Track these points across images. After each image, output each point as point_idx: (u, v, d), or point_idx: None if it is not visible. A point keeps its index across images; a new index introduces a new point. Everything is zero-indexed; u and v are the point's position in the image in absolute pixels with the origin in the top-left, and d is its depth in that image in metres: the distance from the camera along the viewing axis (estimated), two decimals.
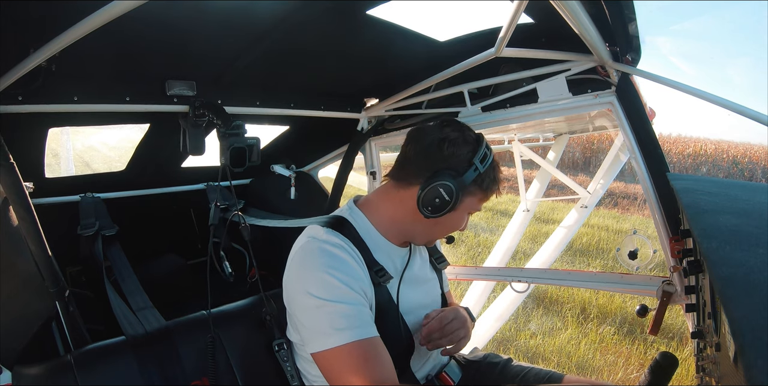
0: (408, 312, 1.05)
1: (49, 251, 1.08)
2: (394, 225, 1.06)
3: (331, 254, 0.94)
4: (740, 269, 0.54)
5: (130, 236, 1.65)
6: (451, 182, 0.95)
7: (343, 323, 0.87)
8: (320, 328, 0.88)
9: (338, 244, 0.96)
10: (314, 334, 0.89)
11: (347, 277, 0.91)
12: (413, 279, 1.10)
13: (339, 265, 0.92)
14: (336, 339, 0.86)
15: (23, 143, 1.34)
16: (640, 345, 3.29)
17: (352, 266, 0.94)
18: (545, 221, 7.01)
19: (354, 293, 0.91)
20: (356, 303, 0.90)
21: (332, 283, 0.89)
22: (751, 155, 13.01)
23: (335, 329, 0.87)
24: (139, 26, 0.99)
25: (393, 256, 1.07)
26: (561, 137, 3.71)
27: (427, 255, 1.21)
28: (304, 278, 0.93)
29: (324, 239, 0.98)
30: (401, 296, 1.03)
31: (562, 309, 3.89)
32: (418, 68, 1.61)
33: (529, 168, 6.14)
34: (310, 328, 0.91)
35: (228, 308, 1.34)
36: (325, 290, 0.89)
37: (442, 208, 0.97)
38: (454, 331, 1.04)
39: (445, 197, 0.96)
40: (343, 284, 0.90)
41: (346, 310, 0.88)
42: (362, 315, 0.90)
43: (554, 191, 7.61)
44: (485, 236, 6.12)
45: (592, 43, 1.22)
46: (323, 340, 0.87)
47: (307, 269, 0.94)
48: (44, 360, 1.05)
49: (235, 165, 1.37)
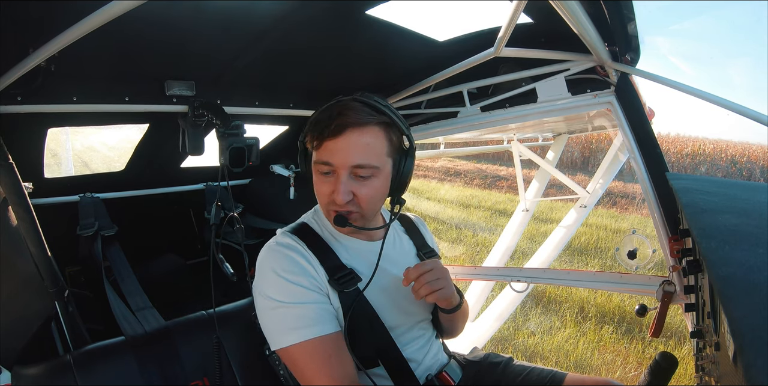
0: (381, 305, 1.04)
1: (49, 252, 1.08)
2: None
3: (282, 254, 0.96)
4: (740, 268, 0.54)
5: (129, 237, 1.64)
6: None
7: (298, 323, 0.89)
8: (277, 328, 0.91)
9: (288, 244, 0.98)
10: (272, 333, 0.92)
11: (298, 276, 0.93)
12: (389, 271, 1.07)
13: (289, 265, 0.94)
14: (292, 337, 0.89)
15: (22, 143, 1.34)
16: (639, 344, 3.30)
17: (301, 264, 0.95)
18: (544, 221, 7.02)
19: (307, 291, 0.93)
20: (310, 302, 0.92)
21: (283, 285, 0.92)
22: (750, 155, 13.04)
23: (290, 328, 0.89)
24: (138, 26, 0.99)
25: (365, 253, 1.06)
26: (560, 136, 3.72)
27: (413, 248, 1.19)
28: (259, 281, 0.96)
29: (277, 241, 1.00)
30: (374, 290, 1.01)
31: (561, 308, 3.90)
32: (417, 68, 1.61)
33: (528, 168, 6.16)
34: (268, 328, 0.94)
35: (227, 308, 1.34)
36: (278, 292, 0.92)
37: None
38: (434, 280, 0.97)
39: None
40: (294, 284, 0.92)
41: (300, 310, 0.90)
42: (317, 313, 0.92)
43: (553, 190, 7.62)
44: (484, 236, 6.13)
45: (591, 43, 1.22)
46: (280, 338, 0.90)
47: (261, 271, 0.96)
48: (43, 361, 1.04)
49: (234, 165, 1.37)
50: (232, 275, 1.48)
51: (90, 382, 1.03)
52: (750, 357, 0.38)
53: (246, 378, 1.20)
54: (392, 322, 1.06)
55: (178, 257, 1.99)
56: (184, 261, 2.01)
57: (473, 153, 10.07)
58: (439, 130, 1.81)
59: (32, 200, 1.08)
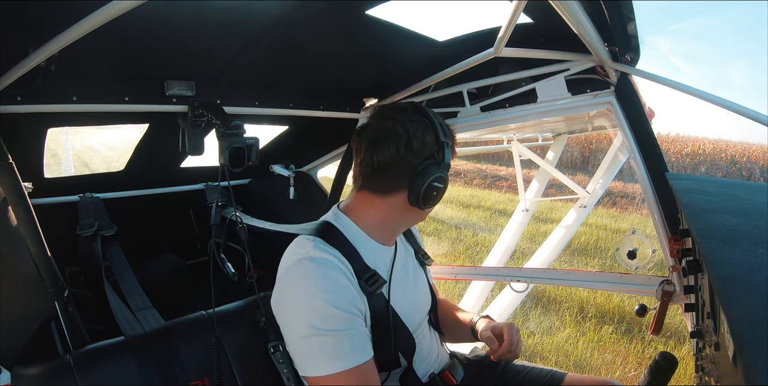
0: (403, 308, 1.05)
1: (48, 252, 1.07)
2: (386, 227, 1.05)
3: (322, 274, 0.90)
4: (739, 268, 0.54)
5: (129, 236, 1.64)
6: (439, 171, 0.96)
7: (335, 352, 0.86)
8: (312, 356, 0.87)
9: (327, 261, 0.92)
10: (306, 361, 0.89)
11: (339, 299, 0.89)
12: (402, 274, 1.11)
13: (330, 287, 0.89)
14: (328, 367, 0.86)
15: (22, 143, 1.34)
16: (638, 344, 3.30)
17: (342, 284, 0.91)
18: (544, 221, 7.02)
19: (347, 316, 0.89)
20: (348, 328, 0.88)
21: (324, 310, 0.87)
22: (750, 155, 13.04)
23: (328, 358, 0.86)
24: (138, 26, 0.99)
25: (383, 257, 1.07)
26: (560, 136, 3.71)
27: (413, 251, 1.22)
28: (295, 304, 0.90)
29: (312, 256, 0.93)
30: (395, 293, 1.04)
31: (560, 308, 3.90)
32: (417, 68, 1.61)
33: (528, 168, 6.16)
34: (301, 355, 0.90)
35: (227, 308, 1.34)
36: (318, 318, 0.87)
37: (440, 196, 0.99)
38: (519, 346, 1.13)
39: (441, 186, 0.98)
40: (335, 309, 0.87)
41: (338, 339, 0.87)
42: (355, 340, 0.89)
43: (553, 190, 7.62)
44: (484, 236, 6.13)
45: (591, 43, 1.22)
46: (315, 368, 0.87)
47: (299, 293, 0.90)
48: (43, 361, 1.04)
49: (234, 165, 1.37)
50: (233, 275, 1.48)
51: (90, 382, 1.03)
52: (750, 357, 0.38)
53: (246, 378, 1.20)
54: (413, 324, 1.07)
55: (178, 257, 1.99)
56: (184, 261, 2.01)
57: (473, 153, 10.07)
58: None
59: (32, 200, 1.08)
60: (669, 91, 1.22)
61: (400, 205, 1.00)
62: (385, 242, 1.07)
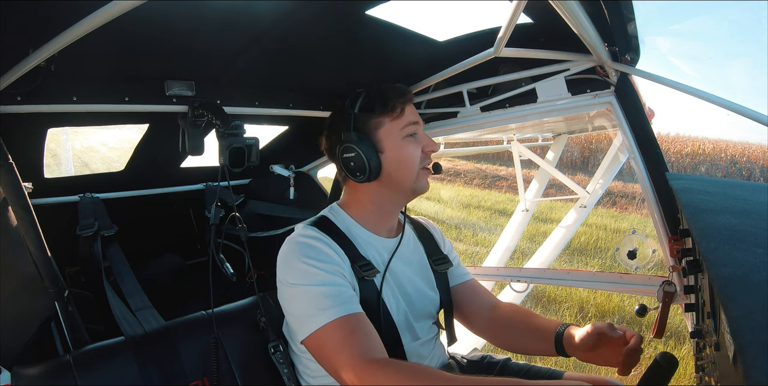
0: (393, 302, 1.06)
1: (48, 252, 1.07)
2: (372, 213, 1.10)
3: (306, 244, 0.98)
4: (739, 269, 0.54)
5: (129, 237, 1.64)
6: (344, 143, 1.02)
7: (325, 302, 0.90)
8: (304, 311, 0.92)
9: (313, 236, 1.00)
10: (300, 319, 0.93)
11: (322, 263, 0.95)
12: (402, 270, 1.11)
13: (313, 253, 0.96)
14: (321, 318, 0.89)
15: (22, 143, 1.33)
16: None
17: (327, 252, 0.97)
18: (544, 221, 7.02)
19: (331, 275, 0.94)
20: (335, 284, 0.93)
21: (308, 270, 0.94)
22: (750, 155, 13.04)
23: (318, 309, 0.90)
24: (138, 26, 0.99)
25: (379, 248, 1.09)
26: (560, 137, 3.71)
27: (422, 248, 1.21)
28: (283, 271, 0.98)
29: (300, 233, 1.02)
30: (388, 287, 1.05)
31: (561, 308, 3.90)
32: (417, 68, 1.61)
33: (528, 168, 6.16)
34: (295, 315, 0.95)
35: (227, 308, 1.34)
36: (303, 276, 0.94)
37: (362, 164, 1.01)
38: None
39: (352, 155, 1.02)
40: (319, 270, 0.94)
41: (325, 291, 0.92)
42: (343, 294, 0.93)
43: (553, 190, 7.62)
44: (484, 236, 6.13)
45: (591, 43, 1.22)
46: (309, 323, 0.90)
47: (286, 262, 0.99)
48: (43, 361, 1.04)
49: (234, 165, 1.37)
50: (232, 275, 1.48)
51: (90, 382, 1.03)
52: (750, 357, 0.38)
53: (246, 378, 1.20)
54: (399, 318, 1.07)
55: (178, 257, 1.99)
56: (184, 261, 2.01)
57: (473, 153, 10.08)
58: (439, 130, 1.81)
59: (32, 200, 1.08)
60: (669, 91, 1.22)
61: (363, 187, 1.07)
62: (379, 232, 1.10)
